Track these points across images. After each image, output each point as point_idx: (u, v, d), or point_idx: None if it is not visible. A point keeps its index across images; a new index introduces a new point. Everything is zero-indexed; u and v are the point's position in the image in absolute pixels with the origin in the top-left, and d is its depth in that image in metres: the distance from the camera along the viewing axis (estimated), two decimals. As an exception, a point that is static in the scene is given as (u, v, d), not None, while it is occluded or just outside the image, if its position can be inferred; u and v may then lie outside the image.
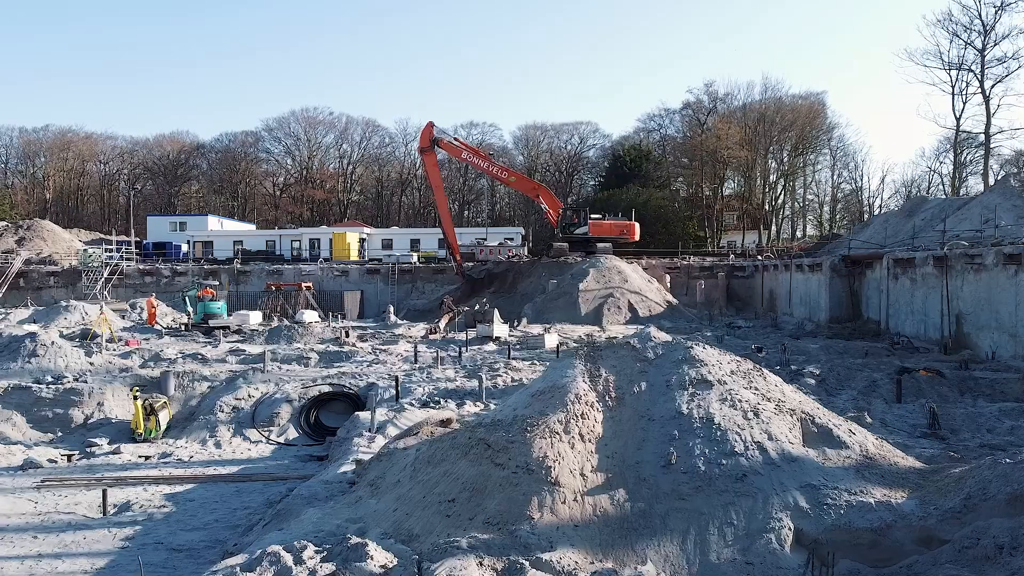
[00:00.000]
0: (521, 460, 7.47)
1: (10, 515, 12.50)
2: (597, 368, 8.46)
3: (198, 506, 13.12)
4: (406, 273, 48.13)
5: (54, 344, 20.12)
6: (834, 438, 7.93)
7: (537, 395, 8.28)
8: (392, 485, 8.40)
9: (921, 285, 26.79)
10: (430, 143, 42.76)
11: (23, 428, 17.58)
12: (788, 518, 6.88)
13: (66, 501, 13.34)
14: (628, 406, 8.09)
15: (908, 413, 14.14)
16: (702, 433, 7.61)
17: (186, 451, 16.70)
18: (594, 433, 7.80)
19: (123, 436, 17.57)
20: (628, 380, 8.35)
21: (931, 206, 39.26)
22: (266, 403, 18.49)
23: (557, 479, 7.29)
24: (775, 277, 42.98)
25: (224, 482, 14.62)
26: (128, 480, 14.44)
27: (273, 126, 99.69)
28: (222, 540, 11.45)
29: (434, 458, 8.27)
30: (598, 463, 7.55)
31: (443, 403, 15.30)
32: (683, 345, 8.69)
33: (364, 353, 25.23)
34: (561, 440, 7.62)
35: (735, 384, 8.19)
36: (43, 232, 61.01)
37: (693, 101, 75.89)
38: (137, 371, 20.35)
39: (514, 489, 7.32)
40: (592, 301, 37.17)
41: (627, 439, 7.78)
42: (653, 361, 8.52)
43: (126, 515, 12.58)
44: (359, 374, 20.58)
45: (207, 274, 47.98)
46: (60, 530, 11.84)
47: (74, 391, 18.27)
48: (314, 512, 8.29)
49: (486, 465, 7.65)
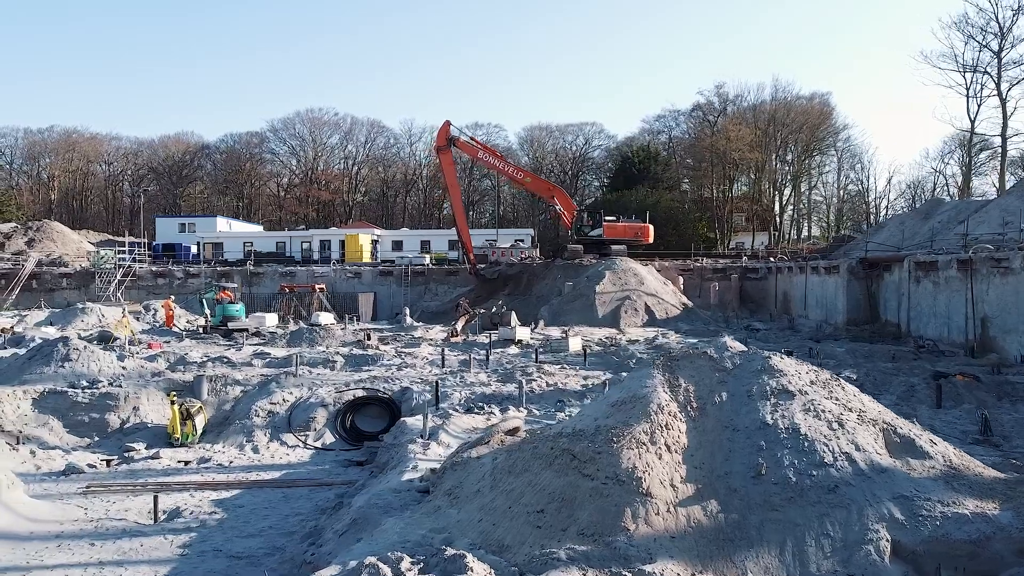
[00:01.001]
0: (610, 471, 7.48)
1: (63, 522, 12.48)
2: (675, 378, 8.48)
3: (249, 512, 13.12)
4: (419, 275, 48.14)
5: (86, 348, 20.12)
6: (917, 448, 7.95)
7: (617, 405, 8.29)
8: (472, 495, 8.40)
9: (944, 288, 26.82)
10: (447, 142, 42.75)
11: (60, 433, 17.58)
12: (884, 529, 6.90)
13: (115, 507, 13.33)
14: (710, 416, 8.10)
15: (955, 419, 14.16)
16: (789, 444, 7.62)
17: (224, 456, 16.71)
18: (679, 444, 7.81)
19: (159, 441, 17.59)
20: (708, 390, 8.37)
21: (947, 208, 39.31)
22: (301, 407, 18.50)
23: (648, 490, 7.30)
24: (789, 279, 43.03)
25: (270, 488, 14.65)
26: (173, 486, 14.45)
27: (278, 127, 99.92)
28: (280, 547, 11.47)
29: (515, 468, 8.28)
30: (686, 474, 7.56)
31: (486, 409, 15.31)
32: (761, 355, 8.71)
33: (389, 356, 25.23)
34: (648, 451, 7.64)
35: (816, 394, 8.21)
36: (52, 233, 61.02)
37: (704, 103, 76.00)
38: (169, 375, 20.34)
39: (605, 500, 7.33)
40: (609, 303, 37.20)
41: (713, 450, 7.80)
42: (731, 371, 8.54)
43: (178, 521, 12.58)
44: (391, 378, 20.57)
45: (220, 276, 47.99)
46: (116, 537, 11.83)
47: (109, 395, 18.27)
48: (394, 522, 8.29)
49: (573, 475, 7.66)
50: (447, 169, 45.42)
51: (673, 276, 44.98)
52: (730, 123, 67.38)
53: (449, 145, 43.14)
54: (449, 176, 45.91)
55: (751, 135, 63.93)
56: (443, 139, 42.97)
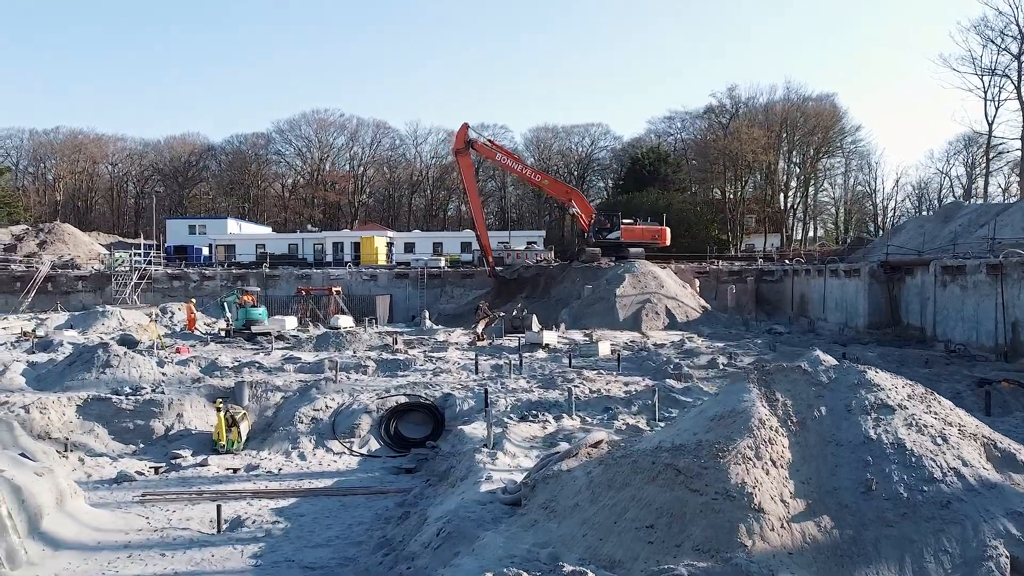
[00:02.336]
0: (719, 486, 7.50)
1: (128, 531, 12.48)
2: (772, 392, 8.50)
3: (310, 521, 13.12)
4: (435, 277, 48.12)
5: (127, 354, 20.11)
6: (1019, 463, 7.98)
7: (717, 420, 8.31)
8: (570, 509, 8.42)
9: (973, 292, 26.89)
10: (465, 144, 42.65)
11: (105, 440, 17.56)
12: (1002, 546, 6.92)
13: (176, 516, 13.34)
14: (811, 431, 8.12)
15: (1012, 428, 14.18)
16: (896, 459, 7.65)
17: (272, 463, 16.70)
18: (784, 459, 7.83)
19: (204, 447, 17.57)
20: (806, 404, 8.38)
21: (967, 212, 39.38)
22: (344, 414, 18.49)
23: (760, 505, 7.32)
24: (807, 282, 43.10)
25: (325, 496, 14.65)
26: (229, 494, 14.45)
27: (284, 128, 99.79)
28: (351, 557, 11.47)
29: (614, 482, 8.29)
30: (795, 489, 7.57)
31: (540, 417, 15.32)
32: (855, 369, 8.74)
33: (421, 361, 25.23)
34: (755, 466, 7.66)
35: (915, 408, 8.24)
36: (64, 235, 60.94)
37: (716, 105, 76.08)
38: (209, 381, 20.34)
39: (716, 515, 7.34)
40: (630, 307, 37.23)
41: (818, 465, 7.81)
42: (827, 385, 8.56)
43: (242, 531, 12.57)
44: (430, 384, 20.58)
45: (235, 278, 47.99)
46: (184, 547, 11.82)
47: (153, 402, 18.26)
48: (494, 536, 8.30)
49: (680, 491, 7.68)
50: (466, 171, 45.34)
51: (689, 279, 45.02)
52: (743, 125, 67.45)
53: (467, 147, 43.07)
54: (468, 178, 45.80)
55: (764, 137, 64.02)
56: (461, 142, 42.93)
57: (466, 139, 42.90)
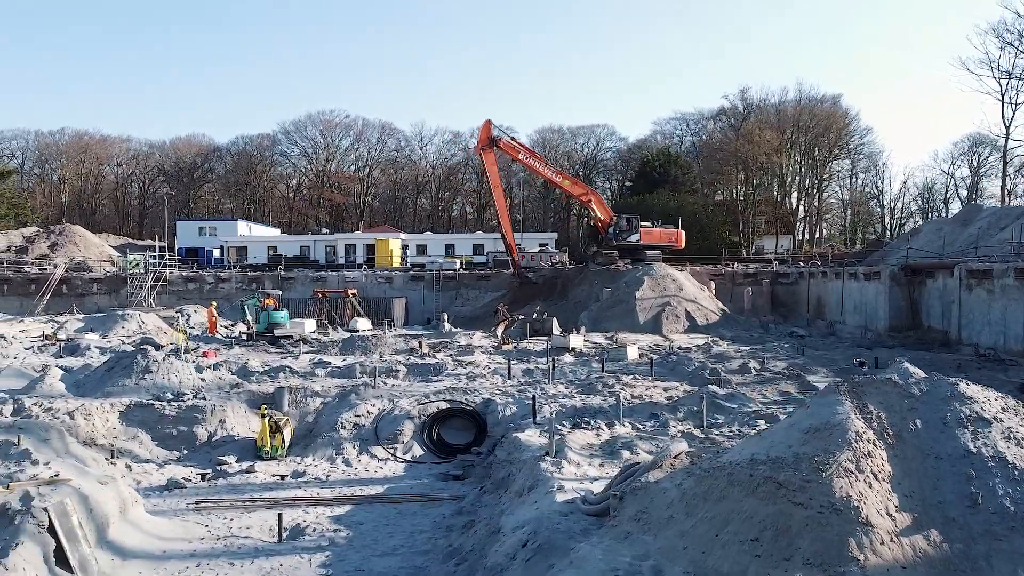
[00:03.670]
0: (824, 499, 7.51)
1: (190, 539, 12.48)
2: (864, 405, 8.51)
3: (371, 529, 13.12)
4: (450, 280, 48.10)
5: (165, 360, 20.10)
6: (1116, 475, 8.00)
7: (812, 432, 8.32)
8: (664, 521, 8.43)
9: (1000, 296, 26.95)
10: (489, 142, 41.98)
11: (149, 446, 17.55)
12: (1115, 559, 6.95)
13: (235, 524, 13.32)
14: (908, 444, 8.14)
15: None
16: (999, 472, 7.67)
17: (318, 469, 16.69)
18: (884, 472, 7.85)
19: (248, 454, 17.54)
20: (900, 417, 8.40)
21: (987, 215, 39.45)
22: (387, 420, 18.49)
23: (867, 519, 7.34)
24: (823, 284, 43.15)
25: (379, 503, 14.65)
26: (283, 501, 14.45)
27: (290, 129, 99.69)
28: (420, 566, 11.47)
29: (710, 495, 8.30)
30: (899, 503, 7.59)
31: (593, 424, 15.32)
32: (947, 381, 8.77)
33: (451, 366, 25.22)
34: (857, 479, 7.67)
35: (1011, 421, 8.27)
36: (75, 237, 60.86)
37: (728, 107, 76.17)
38: (248, 387, 20.33)
39: (824, 529, 7.35)
40: (650, 310, 37.24)
41: (919, 478, 7.83)
42: (920, 398, 8.58)
43: (305, 540, 12.56)
44: (468, 390, 20.57)
45: (251, 280, 47.96)
46: (251, 556, 11.82)
47: (196, 408, 18.24)
48: (590, 548, 8.32)
49: (783, 504, 7.69)
50: (490, 169, 43.89)
51: (705, 281, 45.03)
52: (755, 126, 67.53)
53: (491, 145, 42.28)
54: (493, 177, 44.27)
55: (776, 139, 64.12)
56: (485, 139, 42.09)
57: (490, 136, 42.16)
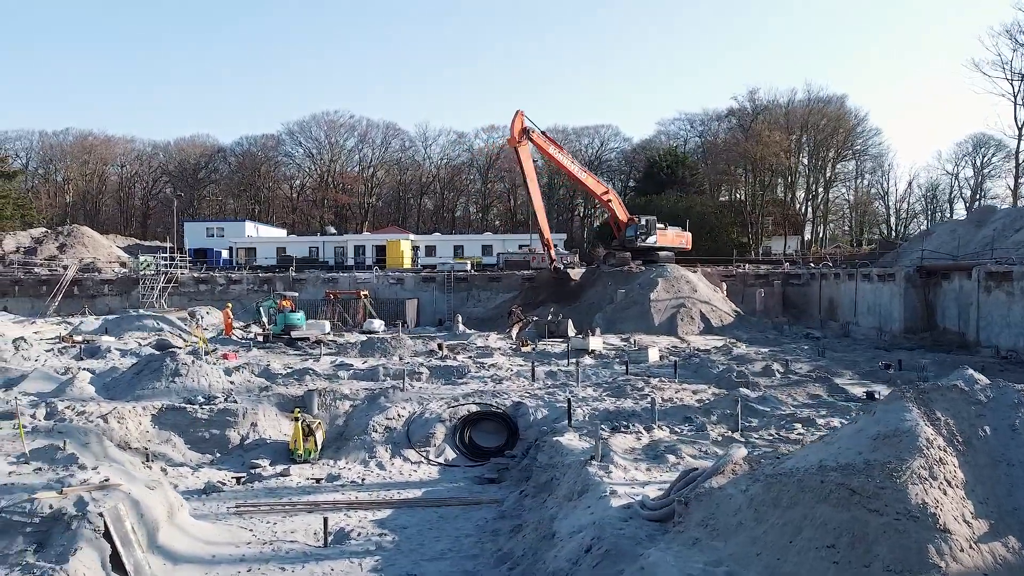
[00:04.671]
0: (899, 506, 7.54)
1: (238, 544, 12.49)
2: (932, 411, 8.54)
3: (416, 533, 13.13)
4: (461, 281, 48.12)
5: (195, 363, 20.11)
6: None
7: (881, 439, 8.35)
8: (734, 527, 8.46)
9: (1020, 298, 27.00)
10: (521, 134, 41.52)
11: (182, 449, 17.55)
12: None
13: (279, 528, 13.33)
14: (979, 451, 8.18)
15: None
16: (1072, 479, 7.73)
17: (352, 472, 16.69)
18: (957, 478, 7.88)
19: (281, 457, 17.55)
20: (968, 423, 8.44)
21: (1001, 216, 39.50)
22: (418, 423, 18.50)
23: (945, 526, 7.37)
24: (835, 285, 43.19)
25: (420, 507, 14.67)
26: (324, 504, 14.46)
27: (295, 129, 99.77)
28: (472, 571, 11.49)
29: (780, 501, 8.33)
30: (974, 509, 7.63)
31: (632, 427, 15.34)
32: (1012, 387, 8.82)
33: (474, 368, 25.23)
34: (931, 486, 7.70)
35: (1080, 427, 8.32)
36: (83, 238, 60.83)
37: (737, 108, 76.25)
38: (277, 390, 20.35)
39: (901, 536, 7.38)
40: (664, 311, 37.28)
41: (992, 484, 7.87)
42: (986, 404, 8.62)
43: (352, 544, 12.58)
44: (497, 392, 20.61)
45: (262, 282, 47.96)
46: (301, 560, 11.84)
47: (228, 411, 18.24)
48: (660, 554, 8.35)
49: (857, 510, 7.71)
50: (525, 163, 42.48)
51: (717, 282, 45.10)
52: (764, 127, 67.60)
53: (524, 137, 41.27)
54: (528, 171, 42.78)
55: (785, 140, 64.19)
56: (518, 132, 41.23)
57: (523, 128, 40.73)
